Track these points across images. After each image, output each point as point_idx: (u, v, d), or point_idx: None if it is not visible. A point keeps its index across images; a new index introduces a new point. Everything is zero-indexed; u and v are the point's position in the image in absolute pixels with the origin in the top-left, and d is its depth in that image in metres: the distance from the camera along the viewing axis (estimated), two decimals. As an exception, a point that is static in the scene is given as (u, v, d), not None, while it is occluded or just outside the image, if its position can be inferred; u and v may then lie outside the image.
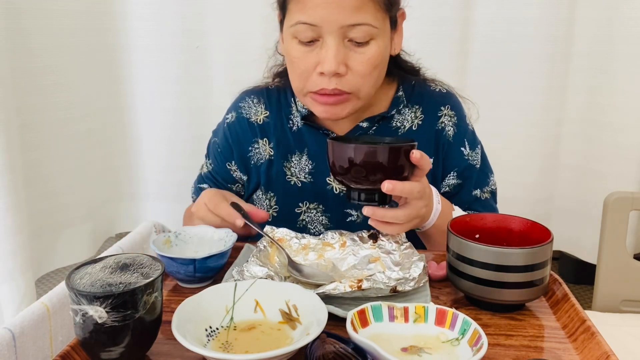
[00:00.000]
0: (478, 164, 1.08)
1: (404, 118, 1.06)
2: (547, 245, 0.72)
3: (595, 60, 1.83)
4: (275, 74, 1.13)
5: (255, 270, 0.75)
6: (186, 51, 1.79)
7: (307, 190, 1.06)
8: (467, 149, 1.07)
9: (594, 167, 1.89)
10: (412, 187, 0.82)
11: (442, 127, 1.06)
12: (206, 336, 0.63)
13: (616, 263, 1.39)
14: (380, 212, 0.82)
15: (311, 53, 0.92)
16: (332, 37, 0.89)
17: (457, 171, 1.06)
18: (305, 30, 0.90)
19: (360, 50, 0.91)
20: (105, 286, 0.58)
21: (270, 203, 1.07)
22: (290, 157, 1.07)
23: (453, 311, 0.66)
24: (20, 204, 1.42)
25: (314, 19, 0.88)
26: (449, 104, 1.08)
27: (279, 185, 1.07)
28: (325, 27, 0.89)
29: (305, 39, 0.91)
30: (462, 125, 1.08)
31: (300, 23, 0.90)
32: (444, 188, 1.07)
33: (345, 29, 0.89)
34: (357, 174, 0.80)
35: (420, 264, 0.76)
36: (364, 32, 0.89)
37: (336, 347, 0.58)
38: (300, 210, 1.06)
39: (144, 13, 1.75)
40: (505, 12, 1.82)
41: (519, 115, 1.88)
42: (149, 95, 1.84)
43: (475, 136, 1.11)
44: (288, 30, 0.94)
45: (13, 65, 1.47)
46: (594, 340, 0.64)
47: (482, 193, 1.08)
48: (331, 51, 0.89)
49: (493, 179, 1.11)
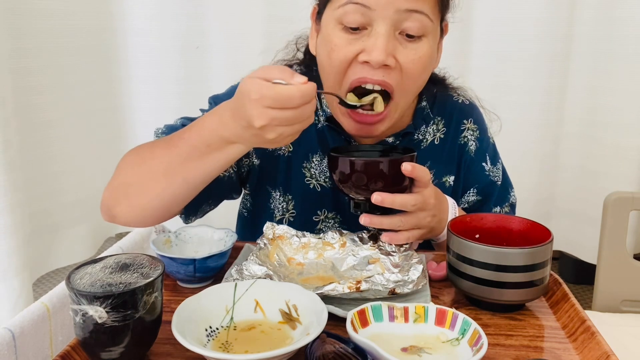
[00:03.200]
0: (499, 181, 1.04)
1: (426, 131, 1.00)
2: (547, 245, 0.72)
3: (595, 60, 1.83)
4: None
5: (255, 269, 0.75)
6: (186, 51, 1.79)
7: (326, 196, 0.98)
8: (489, 164, 1.03)
9: (594, 167, 1.89)
10: (405, 199, 0.80)
11: (464, 141, 1.02)
12: (206, 336, 0.63)
13: (616, 263, 1.39)
14: (377, 220, 0.81)
15: (356, 41, 0.82)
16: (384, 24, 0.80)
17: (478, 187, 1.02)
18: (354, 12, 0.80)
19: (412, 45, 0.82)
20: (105, 286, 0.58)
21: (287, 207, 0.99)
22: (311, 157, 0.98)
23: (453, 311, 0.66)
24: (16, 204, 1.42)
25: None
26: (472, 117, 1.03)
27: (298, 187, 0.99)
28: (378, 11, 0.79)
29: (353, 23, 0.81)
30: (484, 139, 1.04)
31: (352, 2, 0.80)
32: (462, 205, 1.03)
33: (401, 15, 0.80)
34: (356, 186, 0.81)
35: (419, 267, 0.76)
36: (419, 23, 0.81)
37: (336, 347, 0.58)
38: (318, 218, 0.99)
39: (144, 13, 1.75)
40: (505, 12, 1.82)
41: (519, 115, 1.89)
42: (149, 96, 1.84)
43: (496, 150, 1.07)
44: (333, 14, 0.83)
45: (13, 65, 1.47)
46: (594, 340, 0.64)
47: (502, 209, 1.04)
48: (381, 39, 0.79)
49: (513, 193, 1.06)
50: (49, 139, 1.62)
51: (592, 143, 1.89)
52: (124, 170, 0.85)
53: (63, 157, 1.67)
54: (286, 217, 1.00)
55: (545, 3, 1.78)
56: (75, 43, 1.65)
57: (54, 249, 1.70)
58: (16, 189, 1.42)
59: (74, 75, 1.66)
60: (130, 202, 0.83)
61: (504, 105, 1.85)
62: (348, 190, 0.83)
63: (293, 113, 0.68)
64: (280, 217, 1.00)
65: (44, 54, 1.56)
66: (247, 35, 1.76)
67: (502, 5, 1.81)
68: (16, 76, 1.48)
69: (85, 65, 1.70)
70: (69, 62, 1.64)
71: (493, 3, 1.81)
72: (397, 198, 0.79)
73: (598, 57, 1.82)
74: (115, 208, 0.84)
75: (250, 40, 1.75)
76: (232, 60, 1.77)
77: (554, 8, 1.78)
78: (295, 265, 0.83)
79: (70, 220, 1.73)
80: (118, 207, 0.84)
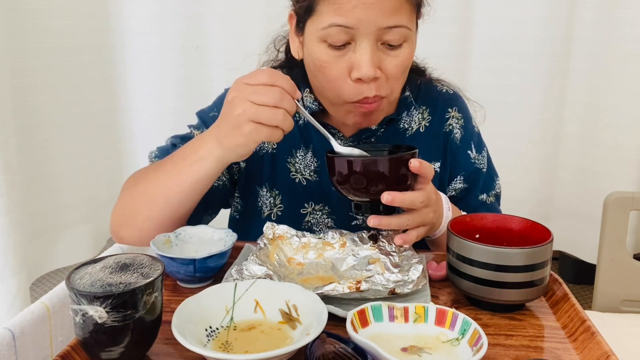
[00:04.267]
0: (485, 168, 1.06)
1: (411, 119, 1.03)
2: (547, 245, 0.72)
3: (595, 60, 1.83)
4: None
5: (254, 269, 0.75)
6: (186, 51, 1.79)
7: (312, 189, 1.01)
8: (474, 152, 1.05)
9: (594, 167, 1.90)
10: (414, 196, 0.80)
11: (449, 129, 1.04)
12: (206, 336, 0.63)
13: (616, 263, 1.39)
14: (386, 221, 0.80)
15: (342, 58, 0.86)
16: (367, 40, 0.84)
17: (464, 175, 1.05)
18: (338, 33, 0.84)
19: (394, 53, 0.87)
20: (105, 286, 0.58)
21: (275, 201, 1.02)
22: (295, 152, 1.01)
23: (453, 311, 0.66)
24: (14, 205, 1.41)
25: (350, 20, 0.82)
26: (456, 105, 1.06)
27: (284, 182, 1.01)
28: (361, 30, 0.83)
29: (338, 42, 0.85)
30: (469, 127, 1.06)
31: (335, 25, 0.83)
32: (450, 192, 1.05)
33: (382, 31, 0.84)
34: (358, 187, 0.79)
35: (419, 267, 0.76)
36: (399, 35, 0.85)
37: (336, 347, 0.58)
38: (305, 211, 1.02)
39: (144, 13, 1.76)
40: (505, 12, 1.82)
41: (519, 115, 1.89)
42: (148, 96, 1.84)
43: (481, 139, 1.09)
44: (316, 33, 0.87)
45: (13, 65, 1.47)
46: (594, 340, 0.64)
47: (488, 197, 1.06)
48: (366, 55, 0.84)
49: (498, 182, 1.09)
50: (49, 139, 1.62)
51: (592, 143, 1.89)
52: (123, 194, 0.94)
53: (63, 157, 1.67)
54: (274, 211, 1.02)
55: (545, 3, 1.78)
56: (75, 43, 1.65)
57: (54, 249, 1.71)
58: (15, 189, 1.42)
59: (74, 75, 1.66)
60: (129, 225, 0.89)
61: (504, 105, 1.86)
62: (347, 192, 0.82)
63: (262, 87, 0.76)
64: (268, 212, 1.02)
65: (43, 54, 1.57)
66: (247, 36, 1.76)
67: (502, 5, 1.81)
68: (15, 76, 1.49)
69: (85, 65, 1.70)
70: (69, 62, 1.64)
71: (493, 3, 1.82)
72: (406, 196, 0.79)
73: (598, 57, 1.82)
74: (120, 231, 0.90)
75: (250, 40, 1.75)
76: (232, 60, 1.77)
77: (554, 8, 1.78)
78: (295, 265, 0.83)
79: (70, 220, 1.73)
80: (122, 230, 0.90)
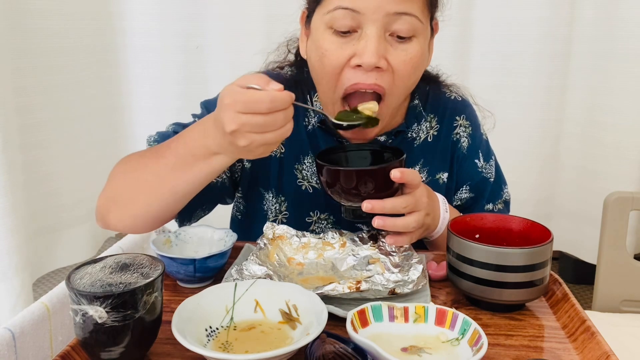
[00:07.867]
0: (492, 177, 1.04)
1: (420, 129, 1.00)
2: (547, 245, 0.72)
3: (595, 60, 1.83)
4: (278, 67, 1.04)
5: (254, 269, 0.75)
6: (186, 51, 1.79)
7: (318, 197, 0.98)
8: (481, 161, 1.03)
9: (594, 167, 1.90)
10: (395, 202, 0.79)
11: (457, 138, 1.02)
12: (206, 336, 0.63)
13: (616, 263, 1.39)
14: (390, 222, 0.80)
15: (346, 45, 0.82)
16: (374, 27, 0.80)
17: (471, 184, 1.03)
18: (344, 17, 0.80)
19: (402, 47, 0.83)
20: (105, 286, 0.58)
21: (280, 208, 0.99)
22: (302, 159, 0.98)
23: (453, 311, 0.66)
24: (17, 205, 1.42)
25: (357, 3, 0.79)
26: (464, 113, 1.03)
27: (290, 189, 0.99)
28: (368, 15, 0.80)
29: (343, 27, 0.81)
30: (477, 135, 1.04)
31: (341, 8, 0.80)
32: (456, 202, 1.03)
33: (390, 17, 0.80)
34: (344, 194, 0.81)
35: (419, 267, 0.76)
36: (409, 25, 0.81)
37: (336, 347, 0.58)
38: (311, 220, 0.99)
39: (144, 13, 1.76)
40: (505, 12, 1.82)
41: (519, 115, 1.89)
42: (149, 96, 1.84)
43: (490, 147, 1.07)
44: (322, 19, 0.84)
45: (13, 65, 1.47)
46: (594, 340, 0.64)
47: (495, 206, 1.04)
48: (372, 42, 0.80)
49: (506, 189, 1.06)
50: (50, 139, 1.62)
51: (592, 143, 1.89)
52: (116, 179, 0.87)
53: (63, 157, 1.67)
54: (279, 218, 1.00)
55: (545, 3, 1.78)
56: (75, 43, 1.65)
57: (55, 249, 1.71)
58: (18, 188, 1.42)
59: (74, 75, 1.67)
60: (121, 210, 0.85)
61: (504, 105, 1.86)
62: (338, 197, 0.83)
63: (263, 119, 0.68)
64: (273, 218, 1.00)
65: (44, 54, 1.57)
66: (247, 35, 1.76)
67: (502, 5, 1.81)
68: (16, 76, 1.49)
69: (85, 65, 1.70)
70: (69, 62, 1.64)
71: (493, 3, 1.82)
72: (386, 203, 0.79)
73: (598, 57, 1.82)
74: (108, 216, 0.86)
75: (251, 40, 1.75)
76: (232, 60, 1.78)
77: (554, 8, 1.79)
78: (295, 265, 0.83)
79: (70, 220, 1.73)
80: (110, 214, 0.86)
